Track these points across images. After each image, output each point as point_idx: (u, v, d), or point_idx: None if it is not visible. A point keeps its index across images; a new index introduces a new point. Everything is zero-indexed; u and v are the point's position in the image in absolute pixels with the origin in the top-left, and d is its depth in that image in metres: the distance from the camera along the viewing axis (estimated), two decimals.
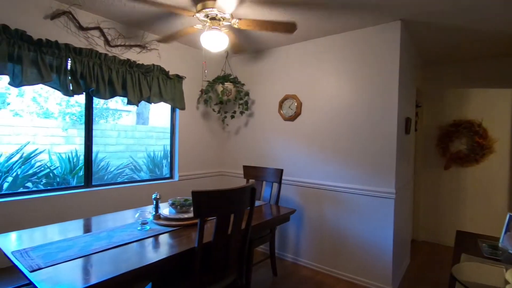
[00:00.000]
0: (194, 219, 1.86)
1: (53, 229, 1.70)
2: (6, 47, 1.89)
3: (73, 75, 2.21)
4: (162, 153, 5.27)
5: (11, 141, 3.74)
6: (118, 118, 5.87)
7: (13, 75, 1.94)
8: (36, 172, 3.77)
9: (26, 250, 1.37)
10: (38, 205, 2.16)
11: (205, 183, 3.42)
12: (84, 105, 2.31)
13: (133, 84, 2.59)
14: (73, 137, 4.66)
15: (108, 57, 2.40)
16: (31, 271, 1.16)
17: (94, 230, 1.71)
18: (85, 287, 1.06)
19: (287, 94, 3.03)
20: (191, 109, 3.23)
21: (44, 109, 4.64)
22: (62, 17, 2.17)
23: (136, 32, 2.66)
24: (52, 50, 2.09)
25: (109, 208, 2.50)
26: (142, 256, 1.40)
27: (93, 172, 4.34)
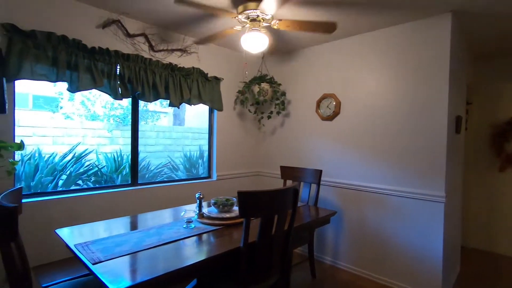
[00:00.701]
0: (236, 219, 1.88)
1: (105, 225, 1.81)
2: (65, 56, 2.05)
3: (121, 79, 2.35)
4: (197, 153, 5.43)
5: (64, 142, 4.05)
6: (157, 120, 6.14)
7: (71, 81, 2.10)
8: (86, 170, 4.06)
9: (87, 243, 1.47)
10: (91, 201, 2.33)
11: (242, 183, 3.46)
12: (126, 108, 2.47)
13: (175, 86, 2.69)
14: (117, 137, 4.95)
15: (152, 61, 2.52)
16: (93, 264, 1.24)
17: (142, 226, 1.80)
18: (141, 281, 1.12)
19: (325, 93, 2.97)
20: (228, 110, 3.28)
21: (91, 112, 4.99)
22: (112, 26, 2.32)
23: (177, 36, 2.76)
24: (104, 57, 2.24)
25: (153, 206, 2.62)
26: (191, 253, 1.45)
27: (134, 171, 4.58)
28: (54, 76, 2.02)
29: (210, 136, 3.28)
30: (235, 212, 1.97)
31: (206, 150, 5.37)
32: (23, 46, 1.88)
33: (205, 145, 5.50)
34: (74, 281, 1.55)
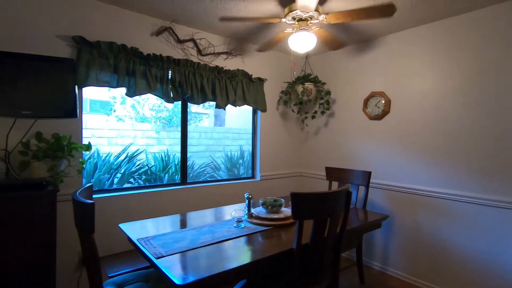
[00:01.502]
0: (285, 220, 1.88)
1: (160, 221, 1.91)
2: (124, 63, 2.21)
3: (173, 84, 2.47)
4: (238, 153, 5.52)
5: (117, 142, 4.35)
6: (199, 121, 6.35)
7: (129, 87, 2.26)
8: (138, 169, 4.33)
9: (148, 238, 1.57)
10: (145, 198, 2.48)
11: (285, 184, 3.45)
12: (172, 110, 2.59)
13: (221, 89, 2.76)
14: (163, 138, 5.23)
15: (200, 65, 2.61)
16: (157, 258, 1.32)
17: (193, 224, 1.87)
18: (201, 278, 1.17)
19: (373, 91, 2.84)
20: (271, 110, 3.29)
21: (140, 115, 5.32)
22: (164, 33, 2.45)
23: (223, 40, 2.84)
24: (157, 63, 2.37)
25: (201, 204, 2.72)
26: (244, 253, 1.47)
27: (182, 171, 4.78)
28: (115, 82, 2.19)
29: (254, 136, 3.32)
30: (284, 213, 1.97)
31: (246, 150, 5.44)
32: (90, 56, 2.07)
33: (245, 145, 5.57)
34: (136, 273, 1.67)
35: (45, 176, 1.78)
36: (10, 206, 1.55)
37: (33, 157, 1.79)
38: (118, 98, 5.01)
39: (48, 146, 1.84)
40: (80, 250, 2.12)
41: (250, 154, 5.30)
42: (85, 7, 2.10)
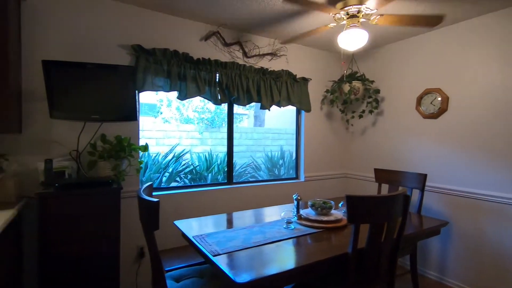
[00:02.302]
0: (336, 223, 1.84)
1: (210, 220, 1.97)
2: (176, 68, 2.33)
3: (220, 86, 2.54)
4: (278, 153, 5.51)
5: (164, 143, 4.58)
6: (239, 122, 6.46)
7: (180, 90, 2.37)
8: (184, 169, 4.53)
9: (202, 236, 1.63)
10: (193, 197, 2.57)
11: (330, 185, 3.37)
12: (214, 112, 2.65)
13: (266, 90, 2.78)
14: (206, 139, 5.40)
15: (245, 67, 2.65)
16: (213, 256, 1.37)
17: (241, 224, 1.90)
18: (258, 278, 1.18)
19: (428, 88, 2.65)
20: (316, 110, 3.23)
21: (184, 116, 5.55)
22: (212, 37, 2.53)
23: (268, 41, 2.85)
24: (206, 66, 2.46)
25: (246, 204, 2.77)
26: (297, 255, 1.46)
27: (224, 171, 4.90)
28: (168, 86, 2.31)
29: (298, 137, 3.28)
30: (334, 215, 1.92)
31: (287, 151, 5.41)
32: (146, 63, 2.21)
33: (285, 146, 5.53)
34: (191, 268, 1.74)
35: (109, 175, 1.94)
36: (82, 202, 1.71)
37: (99, 157, 1.96)
38: (165, 101, 5.27)
39: (111, 147, 2.01)
40: (138, 244, 2.27)
41: (290, 155, 5.26)
42: (142, 17, 2.25)
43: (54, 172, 1.79)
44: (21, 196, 1.81)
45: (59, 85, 1.78)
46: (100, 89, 1.87)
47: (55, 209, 1.65)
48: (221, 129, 5.51)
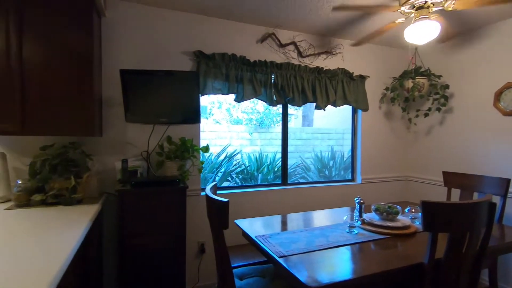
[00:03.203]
0: (404, 229, 1.72)
1: (268, 220, 1.97)
2: (234, 71, 2.39)
3: (275, 87, 2.55)
4: (329, 154, 5.35)
5: (216, 143, 4.74)
6: (288, 122, 6.41)
7: (237, 93, 2.44)
8: (235, 168, 4.65)
9: (265, 236, 1.65)
10: (249, 197, 2.62)
11: (389, 188, 3.18)
12: (263, 113, 2.65)
13: (321, 89, 2.72)
14: (255, 139, 5.47)
15: (300, 67, 2.63)
16: (279, 257, 1.37)
17: (298, 226, 1.87)
18: (329, 283, 1.15)
19: (509, 81, 2.35)
20: (373, 109, 3.07)
21: (234, 117, 5.69)
22: (268, 39, 2.55)
23: (323, 39, 2.79)
24: (262, 68, 2.49)
25: (301, 206, 2.74)
26: (365, 262, 1.40)
27: (274, 171, 4.92)
28: (226, 89, 2.39)
29: (354, 137, 3.15)
30: (401, 221, 1.80)
31: (338, 151, 5.23)
32: (207, 67, 2.31)
33: (335, 146, 5.35)
34: (253, 267, 1.77)
35: (175, 174, 2.07)
36: (154, 199, 1.85)
37: (166, 157, 2.10)
38: (216, 103, 5.46)
39: (177, 148, 2.14)
40: (199, 240, 2.39)
41: (342, 155, 5.07)
42: (203, 24, 2.36)
43: (129, 171, 1.96)
44: (101, 192, 2.02)
45: (133, 91, 1.95)
46: (167, 94, 2.01)
47: (131, 205, 1.82)
48: (270, 129, 5.54)
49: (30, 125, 1.68)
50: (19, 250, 1.05)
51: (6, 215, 1.49)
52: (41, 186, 1.73)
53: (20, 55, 1.64)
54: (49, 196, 1.67)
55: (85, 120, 1.77)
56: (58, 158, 1.77)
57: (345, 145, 5.37)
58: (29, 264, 0.93)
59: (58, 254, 1.02)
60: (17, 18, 1.63)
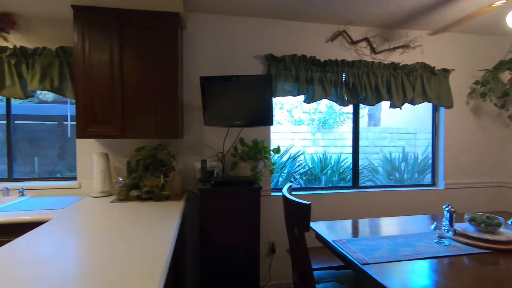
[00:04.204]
0: (508, 244, 1.50)
1: (340, 224, 1.91)
2: (304, 73, 2.38)
3: (347, 86, 2.46)
4: (400, 155, 4.95)
5: (279, 144, 4.76)
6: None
7: (307, 94, 2.42)
8: (299, 169, 4.63)
9: (343, 241, 1.60)
10: (318, 199, 2.56)
11: (480, 195, 2.80)
12: (326, 113, 2.54)
13: (397, 87, 2.53)
14: (318, 140, 5.35)
15: (374, 64, 2.48)
16: (362, 264, 1.31)
17: (373, 232, 1.77)
18: None
19: None
20: (459, 105, 2.74)
21: (296, 118, 5.65)
22: (338, 37, 2.47)
23: (399, 33, 2.59)
24: (332, 67, 2.43)
25: (373, 211, 2.59)
26: (464, 278, 1.25)
27: (339, 173, 4.75)
28: (296, 91, 2.39)
29: (435, 137, 2.86)
30: (505, 235, 1.57)
31: (411, 152, 4.80)
32: (277, 70, 2.34)
33: (407, 147, 4.92)
34: (328, 272, 1.74)
35: (249, 175, 2.15)
36: (231, 198, 1.95)
37: (240, 158, 2.20)
38: (277, 104, 5.50)
39: (249, 149, 2.22)
40: (270, 240, 2.44)
41: (415, 157, 4.64)
42: (273, 27, 2.40)
43: (207, 171, 2.10)
44: (183, 190, 2.20)
45: (211, 96, 2.08)
46: (241, 97, 2.09)
47: (211, 203, 1.94)
48: (333, 129, 5.37)
49: (127, 129, 1.92)
50: (130, 238, 1.21)
51: (112, 207, 1.74)
52: (137, 183, 1.96)
53: (121, 69, 1.89)
54: (143, 192, 1.89)
55: (171, 124, 1.96)
56: (149, 158, 2.00)
57: (419, 146, 4.90)
58: (143, 251, 1.07)
59: (163, 243, 1.15)
60: (119, 38, 1.89)
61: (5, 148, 2.14)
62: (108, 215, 1.57)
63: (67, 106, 3.89)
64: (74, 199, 1.96)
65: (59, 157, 4.20)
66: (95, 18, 1.85)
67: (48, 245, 1.14)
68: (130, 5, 1.85)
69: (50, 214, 1.58)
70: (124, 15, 1.88)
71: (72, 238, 1.23)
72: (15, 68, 1.99)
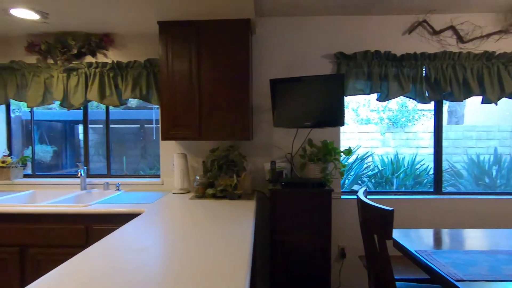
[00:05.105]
0: None
1: (424, 233, 1.73)
2: (377, 69, 2.24)
3: (428, 82, 2.24)
4: (490, 158, 4.32)
5: (343, 145, 4.58)
6: (430, 119, 5.57)
7: (381, 92, 2.27)
8: (367, 171, 4.37)
9: (428, 252, 1.45)
10: (393, 205, 2.37)
11: None
12: (397, 110, 2.29)
13: (491, 79, 2.20)
14: (388, 140, 4.97)
15: (461, 55, 2.20)
16: (456, 281, 1.18)
17: (461, 245, 1.55)
18: None
19: None
20: None
21: (362, 117, 5.35)
22: (417, 28, 2.26)
23: (496, 16, 2.25)
24: (410, 62, 2.23)
25: (457, 221, 2.30)
26: None
27: (414, 176, 4.34)
28: (368, 89, 2.26)
29: None
30: None
31: (505, 154, 4.13)
32: (347, 68, 2.25)
33: (501, 148, 4.24)
34: (408, 284, 1.60)
35: (318, 176, 2.11)
36: (300, 199, 1.95)
37: (309, 159, 2.18)
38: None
39: (318, 150, 2.18)
40: (339, 244, 2.36)
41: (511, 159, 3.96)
42: (342, 24, 2.32)
43: (277, 172, 2.13)
44: (252, 189, 2.28)
45: (280, 98, 2.10)
46: (311, 98, 2.07)
47: (281, 203, 1.97)
48: (405, 129, 4.94)
49: (204, 132, 2.07)
50: (212, 233, 1.30)
51: (191, 204, 1.89)
52: (212, 182, 2.10)
53: (198, 76, 2.05)
54: (218, 191, 2.01)
55: (243, 127, 2.05)
56: (223, 159, 2.12)
57: None
58: (224, 248, 1.13)
59: (243, 239, 1.20)
60: (196, 48, 2.04)
61: (105, 148, 2.51)
62: (189, 211, 1.71)
63: (151, 111, 4.36)
64: (159, 194, 2.19)
65: (141, 156, 4.74)
66: (177, 31, 2.04)
67: (146, 234, 1.30)
68: (206, 16, 1.99)
69: (142, 208, 1.79)
70: (201, 25, 2.03)
71: (162, 230, 1.38)
72: (113, 80, 2.32)
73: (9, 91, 2.37)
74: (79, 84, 2.32)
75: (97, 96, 2.29)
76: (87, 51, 2.32)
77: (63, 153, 4.26)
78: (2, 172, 2.41)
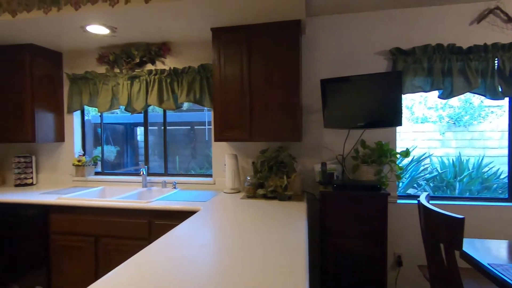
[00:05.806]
0: None
1: (495, 245, 1.55)
2: (439, 64, 2.06)
3: (501, 75, 2.00)
4: None
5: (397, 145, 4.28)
6: (500, 116, 4.98)
7: (444, 88, 2.08)
8: (424, 174, 4.05)
9: (505, 267, 1.30)
10: (457, 212, 2.17)
11: None
12: (461, 107, 2.03)
13: None
14: (449, 140, 4.54)
15: None
16: None
17: None
18: None
19: None
20: None
21: (417, 115, 4.95)
22: (488, 17, 2.04)
23: None
24: (479, 54, 2.01)
25: None
26: None
27: (482, 180, 3.91)
28: (428, 86, 2.10)
29: None
30: None
31: None
32: (404, 64, 2.11)
33: None
34: None
35: (372, 179, 2.02)
36: (353, 202, 1.88)
37: (362, 161, 2.09)
38: None
39: (371, 152, 2.08)
40: (395, 251, 2.23)
41: None
42: (396, 19, 2.18)
43: (327, 174, 2.09)
44: (302, 191, 2.26)
45: (331, 98, 2.06)
46: (364, 98, 1.98)
47: (332, 206, 1.92)
48: (469, 128, 4.46)
49: (255, 133, 2.11)
50: (265, 234, 1.32)
51: (243, 203, 1.94)
52: (262, 183, 2.13)
53: (249, 79, 2.10)
54: (268, 192, 2.03)
55: (293, 128, 2.04)
56: (273, 160, 2.14)
57: None
58: (283, 245, 1.15)
59: (298, 239, 1.20)
60: (247, 52, 2.09)
61: (160, 149, 2.69)
62: (242, 210, 1.76)
63: (203, 114, 4.58)
64: (212, 193, 2.29)
65: (191, 156, 5.00)
66: (228, 36, 2.12)
67: (204, 231, 1.37)
68: (257, 20, 2.03)
69: (198, 205, 1.89)
70: (252, 29, 2.08)
71: (219, 227, 1.44)
72: (170, 85, 2.49)
73: (84, 98, 2.68)
74: (141, 90, 2.53)
75: (156, 101, 2.48)
76: (148, 60, 2.53)
77: (125, 153, 4.68)
78: (78, 169, 2.73)
